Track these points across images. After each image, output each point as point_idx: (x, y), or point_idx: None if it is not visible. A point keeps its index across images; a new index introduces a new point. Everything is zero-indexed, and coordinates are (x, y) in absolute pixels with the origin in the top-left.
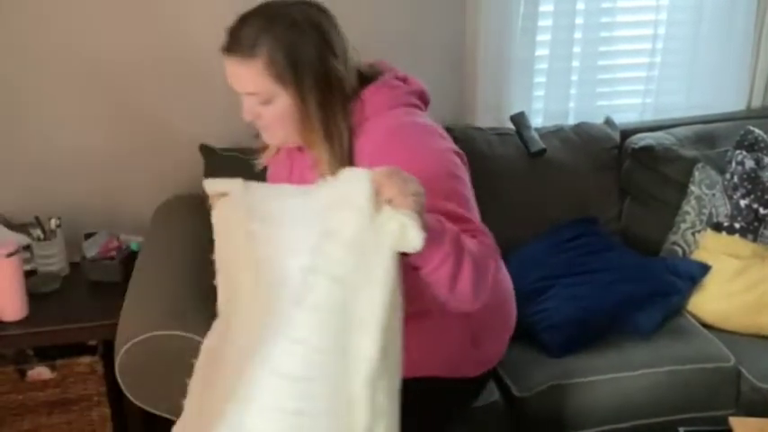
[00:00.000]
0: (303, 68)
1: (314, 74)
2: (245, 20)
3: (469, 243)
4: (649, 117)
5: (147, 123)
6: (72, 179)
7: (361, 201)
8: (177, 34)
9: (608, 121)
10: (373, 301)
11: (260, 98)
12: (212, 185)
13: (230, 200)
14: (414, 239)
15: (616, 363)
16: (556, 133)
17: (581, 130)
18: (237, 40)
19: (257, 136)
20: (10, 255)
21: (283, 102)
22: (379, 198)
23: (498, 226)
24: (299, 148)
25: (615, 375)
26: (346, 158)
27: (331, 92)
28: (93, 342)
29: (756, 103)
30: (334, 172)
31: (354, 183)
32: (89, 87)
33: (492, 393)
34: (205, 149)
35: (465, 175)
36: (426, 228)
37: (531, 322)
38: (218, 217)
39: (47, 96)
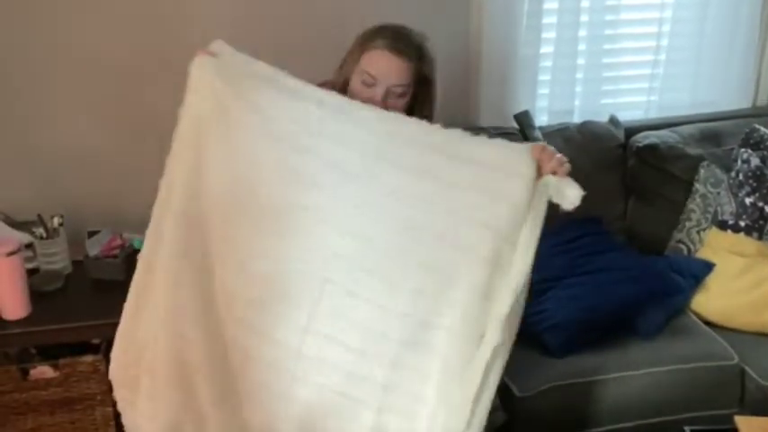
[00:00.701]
0: (431, 82)
1: (432, 90)
2: (407, 34)
3: None
4: (654, 115)
5: (150, 121)
6: (75, 177)
7: (528, 171)
8: (182, 34)
9: (612, 120)
10: (527, 254)
11: (400, 89)
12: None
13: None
14: (575, 197)
15: (619, 362)
16: (560, 132)
17: (585, 129)
18: (403, 46)
19: None
20: (11, 254)
21: (407, 99)
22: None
23: None
24: None
25: (618, 375)
26: None
27: (432, 106)
28: (96, 341)
29: (762, 101)
30: None
31: (517, 154)
32: (93, 85)
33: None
34: None
35: None
36: None
37: (532, 323)
38: (200, 73)
39: (50, 94)
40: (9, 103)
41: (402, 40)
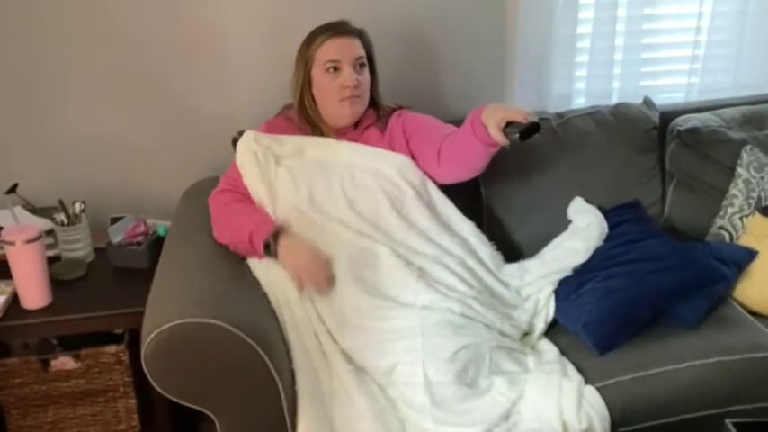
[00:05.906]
0: (373, 61)
1: (375, 68)
2: (342, 21)
3: None
4: (695, 98)
5: (174, 106)
6: (98, 161)
7: None
8: (206, 17)
9: (647, 102)
10: None
11: (361, 60)
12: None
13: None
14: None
15: (661, 356)
16: (592, 115)
17: (618, 112)
18: (344, 28)
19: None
20: (31, 241)
21: (367, 73)
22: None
23: (535, 215)
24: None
25: (661, 369)
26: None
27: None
28: (118, 331)
29: None
30: None
31: None
32: (115, 69)
33: None
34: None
35: None
36: None
37: (569, 318)
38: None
39: (72, 79)
40: (29, 88)
41: (340, 26)
